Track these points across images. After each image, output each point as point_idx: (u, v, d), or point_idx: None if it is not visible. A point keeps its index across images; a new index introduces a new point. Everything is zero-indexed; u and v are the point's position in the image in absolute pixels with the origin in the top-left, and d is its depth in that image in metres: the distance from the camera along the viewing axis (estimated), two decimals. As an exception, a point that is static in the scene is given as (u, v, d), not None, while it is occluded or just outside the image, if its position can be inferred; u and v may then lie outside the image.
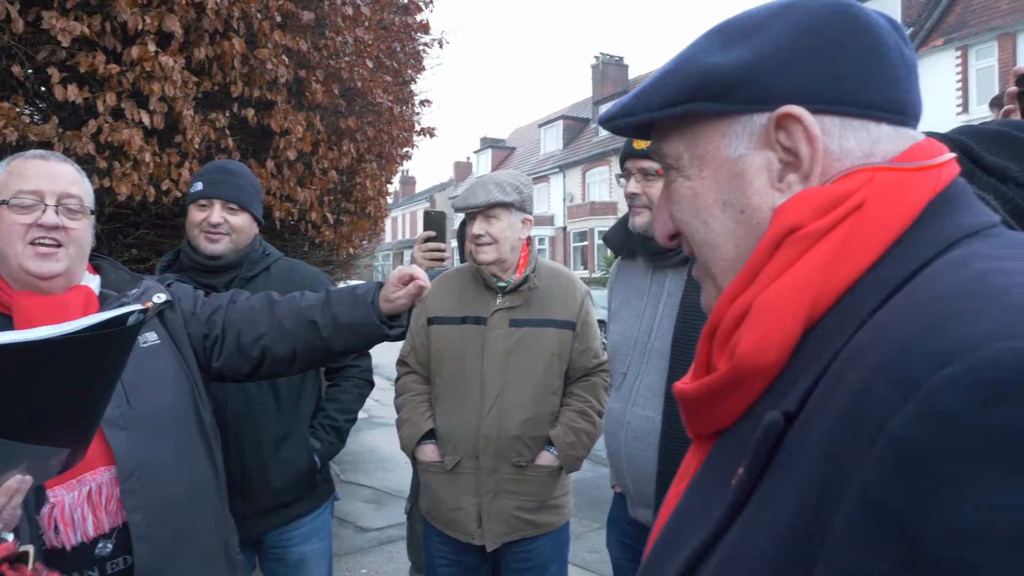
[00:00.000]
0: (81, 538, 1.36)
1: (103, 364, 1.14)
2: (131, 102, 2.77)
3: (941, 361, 0.40)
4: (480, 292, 2.23)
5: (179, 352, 1.59)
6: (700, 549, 0.56)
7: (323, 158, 4.20)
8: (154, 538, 1.41)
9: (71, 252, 1.45)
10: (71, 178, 1.48)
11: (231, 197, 2.08)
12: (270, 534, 2.16)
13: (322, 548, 2.26)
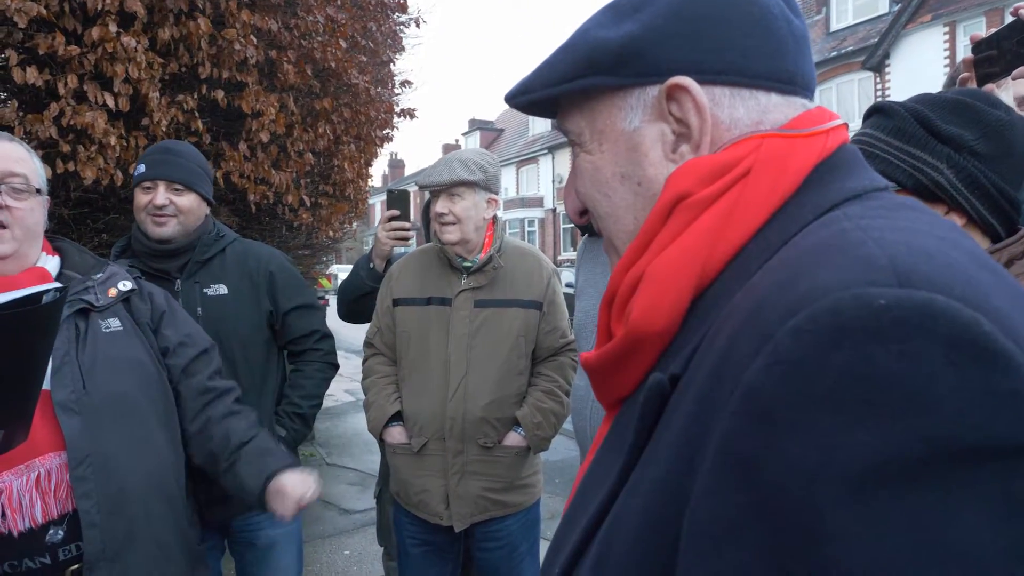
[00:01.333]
0: (29, 524, 1.34)
1: (20, 342, 1.12)
2: (94, 84, 2.73)
3: (790, 312, 0.41)
4: (445, 272, 2.21)
5: (143, 340, 1.57)
6: (596, 515, 0.57)
7: (298, 140, 4.16)
8: (105, 526, 1.39)
9: (16, 233, 1.42)
10: (15, 156, 1.45)
11: (176, 177, 2.03)
12: (237, 520, 2.15)
13: (292, 531, 2.25)
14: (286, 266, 2.24)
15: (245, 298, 2.12)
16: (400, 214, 2.46)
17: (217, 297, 2.07)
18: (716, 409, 0.44)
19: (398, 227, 2.45)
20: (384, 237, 2.46)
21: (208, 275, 2.09)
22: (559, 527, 0.68)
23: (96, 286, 1.54)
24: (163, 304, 1.66)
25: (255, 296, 2.14)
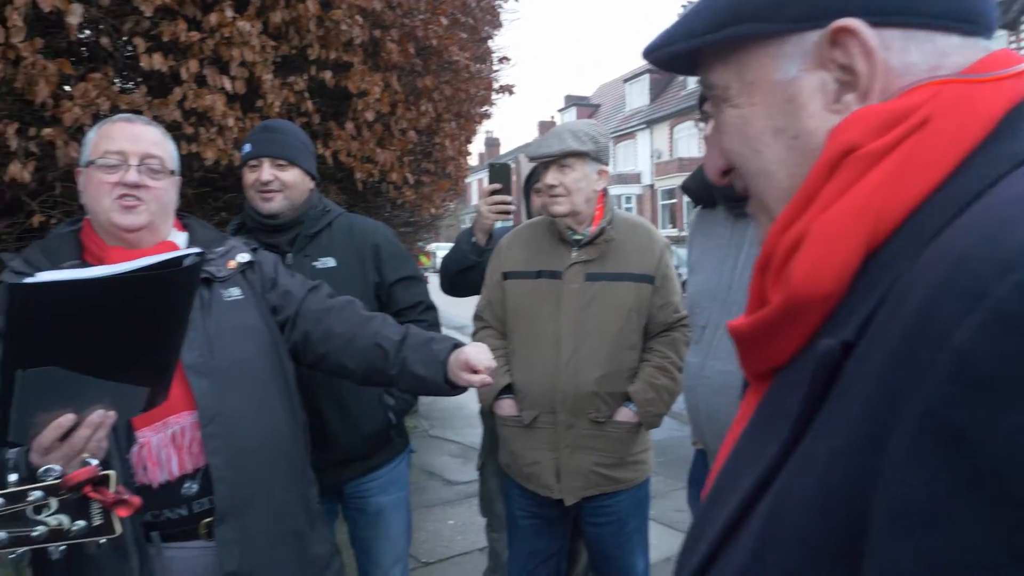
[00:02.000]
0: (167, 476, 1.45)
1: (165, 303, 1.19)
2: (213, 68, 2.84)
3: (1006, 267, 0.37)
4: (555, 245, 2.19)
5: (259, 307, 1.64)
6: (754, 488, 0.53)
7: (401, 118, 4.21)
8: (233, 481, 1.48)
9: (152, 208, 1.52)
10: (153, 139, 1.55)
11: (278, 154, 2.10)
12: (349, 484, 2.22)
13: (400, 499, 2.31)
14: (391, 238, 2.27)
15: (352, 270, 2.17)
16: (502, 188, 2.45)
17: (326, 270, 2.12)
18: (911, 377, 0.40)
19: (500, 200, 2.44)
20: (486, 211, 2.45)
21: (317, 248, 2.15)
22: (702, 507, 0.64)
23: (218, 258, 1.63)
24: (271, 270, 1.74)
25: (362, 268, 2.19)
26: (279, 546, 1.55)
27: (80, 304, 1.07)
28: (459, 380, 1.59)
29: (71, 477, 1.02)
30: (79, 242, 1.55)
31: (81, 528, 1.04)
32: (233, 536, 1.47)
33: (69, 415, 1.15)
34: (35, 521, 1.03)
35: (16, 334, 1.05)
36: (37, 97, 2.24)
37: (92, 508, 1.05)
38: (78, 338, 1.10)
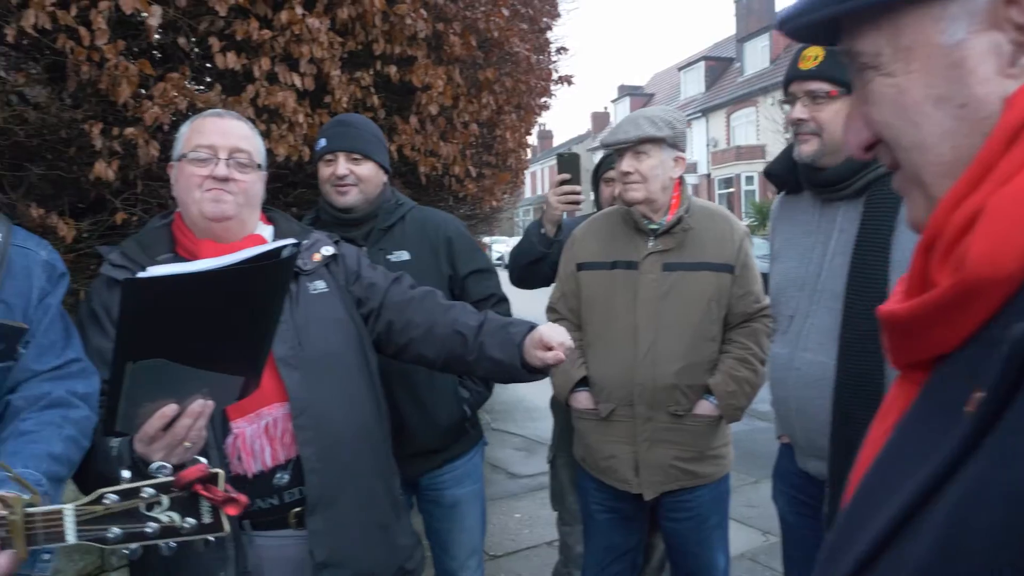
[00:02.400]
0: (260, 467, 1.47)
1: (261, 294, 1.21)
2: (283, 66, 2.87)
3: None
4: (630, 235, 2.15)
5: (344, 300, 1.65)
6: (929, 485, 0.49)
7: (464, 111, 4.21)
8: (323, 472, 1.49)
9: (240, 200, 1.55)
10: (242, 134, 1.59)
11: (353, 148, 2.11)
12: (424, 477, 2.23)
13: (474, 491, 2.31)
14: (463, 231, 2.27)
15: (426, 263, 2.17)
16: (571, 178, 2.42)
17: (400, 263, 2.13)
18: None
19: (569, 191, 2.41)
20: (555, 201, 2.42)
21: (391, 241, 2.16)
22: (857, 495, 0.60)
23: (303, 252, 1.64)
24: (354, 263, 1.74)
25: (435, 261, 2.19)
26: (367, 537, 1.56)
27: (187, 296, 1.09)
28: (534, 359, 1.55)
29: (183, 475, 1.03)
30: (171, 235, 1.59)
31: (192, 526, 1.05)
32: (323, 527, 1.48)
33: (172, 405, 1.18)
34: (148, 517, 1.05)
35: (128, 327, 1.07)
36: (120, 97, 2.30)
37: (202, 506, 1.06)
38: (182, 330, 1.12)
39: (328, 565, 1.48)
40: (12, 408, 1.31)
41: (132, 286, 1.05)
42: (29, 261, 1.37)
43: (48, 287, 1.39)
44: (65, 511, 1.05)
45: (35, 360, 1.34)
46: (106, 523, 1.04)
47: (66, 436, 1.28)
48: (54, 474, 1.23)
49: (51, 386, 1.33)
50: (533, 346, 1.55)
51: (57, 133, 2.41)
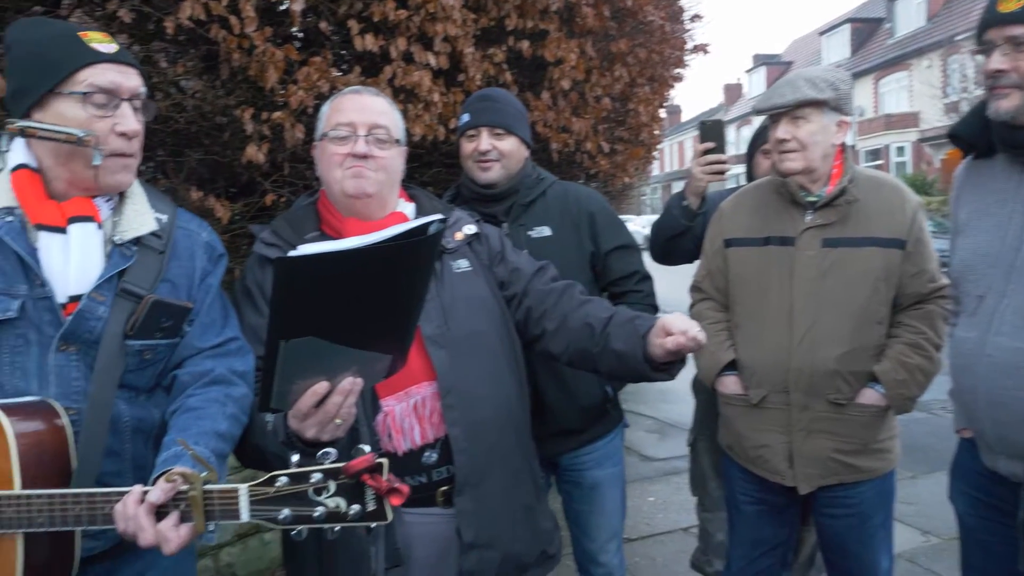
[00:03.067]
0: (409, 445, 1.48)
1: (410, 271, 1.19)
2: (419, 45, 2.89)
3: None
4: (785, 208, 1.98)
5: (487, 279, 1.62)
6: None
7: (596, 85, 4.10)
8: (470, 452, 1.48)
9: (380, 177, 1.55)
10: (380, 109, 1.58)
11: (496, 122, 2.08)
12: (564, 457, 2.19)
13: (615, 473, 2.25)
14: (606, 207, 2.19)
15: (568, 239, 2.11)
16: (715, 146, 2.27)
17: (541, 239, 2.08)
18: None
19: (714, 160, 2.26)
20: (699, 172, 2.28)
21: (532, 217, 2.12)
22: None
23: (446, 230, 1.61)
24: (498, 244, 1.71)
25: (577, 237, 2.13)
26: (513, 518, 1.54)
27: (336, 274, 1.09)
28: (655, 348, 1.44)
29: (352, 465, 1.04)
30: (317, 214, 1.61)
31: (356, 512, 1.06)
32: (471, 507, 1.48)
33: (323, 383, 1.19)
34: (315, 502, 1.06)
35: (281, 306, 1.08)
36: (267, 83, 2.38)
37: (367, 494, 1.06)
38: (332, 308, 1.12)
39: (476, 546, 1.47)
40: (179, 383, 1.38)
41: (284, 264, 1.06)
42: (192, 242, 1.43)
43: (209, 267, 1.44)
44: (240, 490, 1.08)
45: (198, 338, 1.40)
46: (277, 504, 1.07)
47: (229, 414, 1.33)
48: (220, 451, 1.28)
49: (213, 363, 1.38)
50: (656, 334, 1.44)
51: (212, 120, 2.53)
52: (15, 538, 1.15)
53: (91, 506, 1.13)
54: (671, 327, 1.40)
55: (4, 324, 1.23)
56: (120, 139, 1.29)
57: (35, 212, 1.26)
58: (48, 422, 1.21)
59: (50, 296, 1.25)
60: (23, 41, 1.29)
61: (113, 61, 1.29)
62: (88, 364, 1.27)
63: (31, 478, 1.16)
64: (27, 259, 1.23)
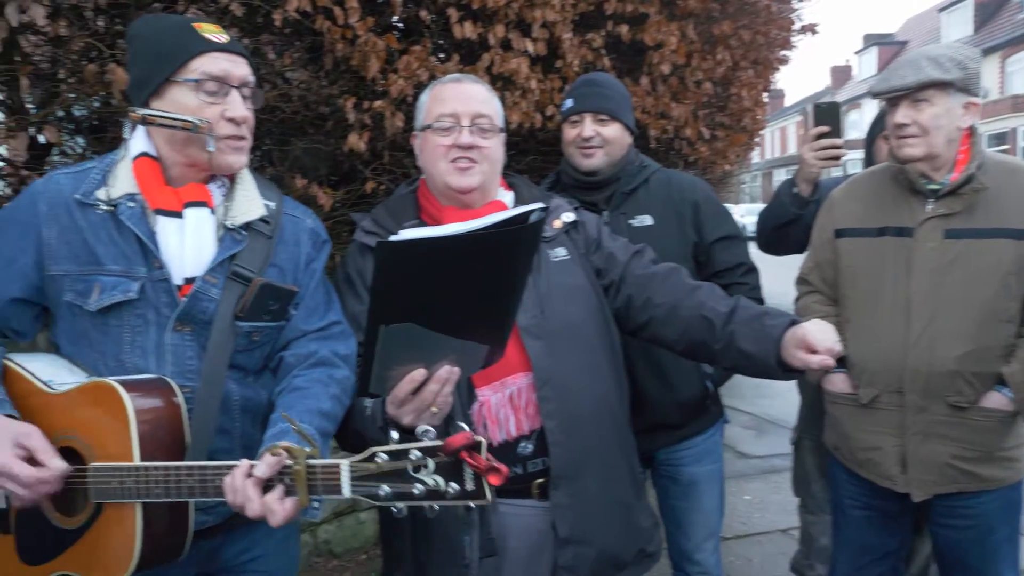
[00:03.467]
0: (505, 436, 1.47)
1: (510, 260, 1.18)
2: (517, 32, 2.87)
3: None
4: (904, 197, 1.86)
5: (584, 268, 1.60)
6: None
7: (697, 69, 3.98)
8: (566, 445, 1.46)
9: (484, 168, 1.55)
10: (482, 98, 1.58)
11: (601, 108, 2.04)
12: (661, 452, 2.14)
13: (714, 471, 2.19)
14: (711, 196, 2.12)
15: (670, 228, 2.06)
16: (830, 130, 2.14)
17: (643, 228, 2.04)
18: None
19: (828, 145, 2.13)
20: (811, 157, 2.16)
21: (634, 206, 2.07)
22: None
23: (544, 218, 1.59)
24: (595, 231, 1.68)
25: (680, 226, 2.07)
26: (610, 514, 1.52)
27: (437, 259, 1.09)
28: (793, 360, 1.37)
29: (450, 441, 1.04)
30: (417, 202, 1.62)
31: (455, 491, 1.06)
32: (567, 501, 1.46)
33: (421, 370, 1.20)
34: (414, 479, 1.07)
35: (382, 290, 1.09)
36: (369, 72, 2.43)
37: (465, 473, 1.06)
38: (432, 295, 1.12)
39: (572, 541, 1.46)
40: (285, 365, 1.43)
41: (386, 248, 1.07)
42: (297, 229, 1.47)
43: (313, 253, 1.48)
44: (342, 465, 1.10)
45: (303, 321, 1.44)
46: (377, 481, 1.08)
47: (332, 394, 1.36)
48: (323, 429, 1.32)
49: (317, 345, 1.42)
50: (794, 345, 1.37)
51: (316, 109, 2.60)
52: (134, 507, 1.21)
53: (203, 478, 1.18)
54: (815, 344, 1.34)
55: (125, 304, 1.30)
56: (229, 124, 1.34)
57: (154, 198, 1.33)
58: (165, 399, 1.27)
59: (167, 278, 1.31)
60: (144, 34, 1.36)
61: (224, 50, 1.34)
62: (201, 344, 1.33)
63: (148, 452, 1.22)
64: (147, 242, 1.30)
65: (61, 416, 1.28)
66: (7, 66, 2.16)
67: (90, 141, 2.41)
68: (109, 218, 1.31)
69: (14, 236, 1.33)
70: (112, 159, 1.38)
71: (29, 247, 1.32)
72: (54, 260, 1.31)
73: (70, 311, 1.33)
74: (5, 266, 1.33)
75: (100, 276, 1.30)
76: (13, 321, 1.37)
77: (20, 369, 1.34)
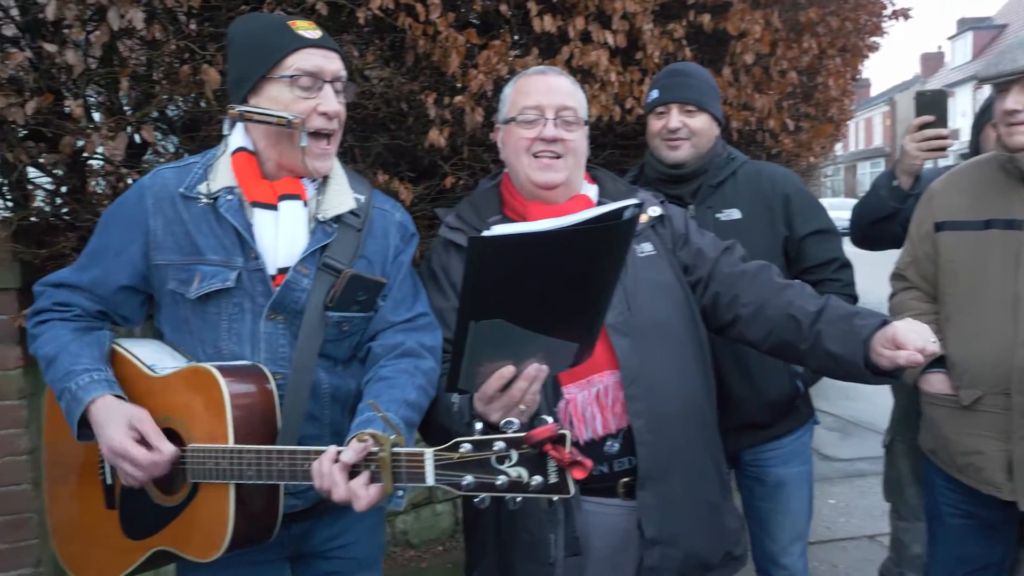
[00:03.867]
0: (591, 435, 1.46)
1: (602, 257, 1.16)
2: (596, 24, 2.85)
3: None
4: (1014, 188, 1.75)
5: (671, 263, 1.57)
6: None
7: (781, 58, 3.86)
8: (654, 445, 1.44)
9: (569, 162, 1.54)
10: (567, 90, 1.56)
11: (688, 98, 1.99)
12: (747, 452, 2.09)
13: (802, 473, 2.12)
14: (802, 188, 2.05)
15: (759, 222, 2.00)
16: (935, 119, 2.03)
17: (730, 222, 1.98)
18: None
19: (933, 135, 2.02)
20: (914, 148, 2.05)
21: (721, 199, 2.02)
22: None
23: None
24: (681, 225, 1.65)
25: (770, 220, 2.01)
26: (697, 516, 1.49)
27: (529, 256, 1.09)
28: (881, 359, 1.31)
29: (534, 433, 1.04)
30: (500, 196, 1.62)
31: (538, 483, 1.05)
32: (654, 502, 1.44)
33: (510, 367, 1.20)
34: (497, 470, 1.07)
35: (473, 286, 1.10)
36: (450, 68, 2.45)
37: (549, 466, 1.05)
38: (522, 292, 1.12)
39: (659, 542, 1.44)
40: (372, 355, 1.46)
41: (478, 243, 1.07)
42: (386, 222, 1.50)
43: (401, 245, 1.51)
44: (426, 454, 1.12)
45: (391, 312, 1.46)
46: (460, 470, 1.09)
47: (418, 385, 1.38)
48: (408, 419, 1.34)
49: (404, 336, 1.45)
50: (883, 344, 1.31)
51: (397, 106, 2.64)
52: (228, 488, 1.26)
53: (292, 462, 1.22)
54: (905, 341, 1.27)
55: (223, 293, 1.36)
56: (322, 118, 1.37)
57: (251, 190, 1.38)
58: (258, 385, 1.32)
59: (262, 268, 1.36)
60: (241, 34, 1.41)
61: (317, 46, 1.37)
62: (293, 333, 1.37)
63: (242, 436, 1.27)
64: (244, 234, 1.35)
65: (163, 398, 1.34)
66: (107, 69, 2.27)
67: (183, 140, 2.51)
68: (209, 210, 1.37)
69: (123, 228, 1.40)
70: (213, 154, 1.45)
71: (137, 238, 1.39)
72: (159, 250, 1.38)
73: (173, 299, 1.39)
74: (115, 255, 1.40)
75: (201, 265, 1.36)
76: (122, 308, 1.44)
77: (127, 353, 1.41)
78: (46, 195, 2.58)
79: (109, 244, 1.41)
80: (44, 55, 2.05)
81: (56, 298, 1.41)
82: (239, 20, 1.49)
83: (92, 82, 2.29)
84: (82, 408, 1.28)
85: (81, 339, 1.37)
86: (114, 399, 1.30)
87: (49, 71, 2.12)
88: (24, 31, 2.25)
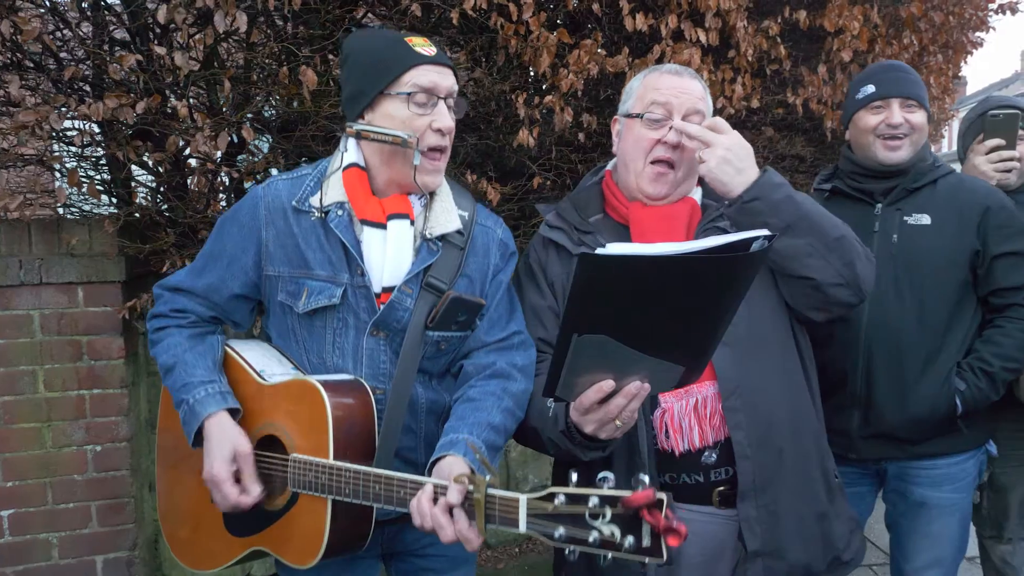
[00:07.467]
0: (687, 446, 1.41)
1: (722, 288, 1.11)
2: (688, 22, 2.77)
3: None
4: None
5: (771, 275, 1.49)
6: None
7: (880, 55, 3.69)
8: (755, 458, 1.39)
9: (680, 174, 1.49)
10: (699, 95, 1.52)
11: (910, 93, 1.88)
12: (893, 464, 1.95)
13: (955, 501, 1.93)
14: (1007, 205, 1.89)
15: (948, 232, 1.86)
16: (1006, 143, 2.02)
17: (917, 227, 1.87)
18: None
19: (1007, 157, 1.99)
20: (989, 170, 1.98)
21: (913, 204, 1.90)
22: None
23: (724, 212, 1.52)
24: None
25: (960, 230, 1.87)
26: (802, 527, 1.43)
27: (641, 278, 1.05)
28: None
29: (632, 499, 0.99)
30: (601, 194, 1.59)
31: (631, 545, 1.01)
32: (756, 514, 1.39)
33: (609, 381, 1.16)
34: (590, 526, 1.03)
35: (579, 301, 1.07)
36: (540, 67, 2.42)
37: (643, 527, 1.01)
38: (631, 311, 1.08)
39: (762, 554, 1.39)
40: (464, 373, 1.46)
41: (588, 261, 1.03)
42: (488, 239, 1.49)
43: (501, 264, 1.50)
44: (520, 500, 1.09)
45: (486, 332, 1.46)
46: (553, 521, 1.05)
47: (504, 408, 1.37)
48: (492, 442, 1.33)
49: (496, 356, 1.44)
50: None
51: (487, 106, 2.63)
52: (325, 501, 1.28)
53: (388, 488, 1.23)
54: None
55: (329, 308, 1.37)
56: (436, 135, 1.36)
57: (361, 208, 1.38)
58: (359, 399, 1.34)
59: (368, 286, 1.37)
60: (358, 50, 1.41)
61: (433, 63, 1.36)
62: (394, 350, 1.38)
63: (341, 449, 1.29)
64: (352, 250, 1.36)
65: (269, 405, 1.37)
66: (209, 71, 2.34)
67: (278, 140, 2.57)
68: (319, 224, 1.38)
69: (238, 237, 1.43)
70: (325, 167, 1.46)
71: (250, 247, 1.42)
72: (270, 261, 1.41)
73: (281, 309, 1.42)
74: (229, 263, 1.43)
75: (308, 280, 1.38)
76: (234, 314, 1.49)
77: (237, 357, 1.45)
78: (148, 192, 2.69)
79: (223, 251, 1.44)
80: (154, 57, 2.12)
81: (174, 304, 1.47)
82: (355, 35, 1.49)
83: (194, 83, 2.37)
84: (199, 422, 1.33)
85: (196, 348, 1.42)
86: (228, 418, 1.35)
87: (155, 73, 2.20)
88: (134, 35, 2.34)
